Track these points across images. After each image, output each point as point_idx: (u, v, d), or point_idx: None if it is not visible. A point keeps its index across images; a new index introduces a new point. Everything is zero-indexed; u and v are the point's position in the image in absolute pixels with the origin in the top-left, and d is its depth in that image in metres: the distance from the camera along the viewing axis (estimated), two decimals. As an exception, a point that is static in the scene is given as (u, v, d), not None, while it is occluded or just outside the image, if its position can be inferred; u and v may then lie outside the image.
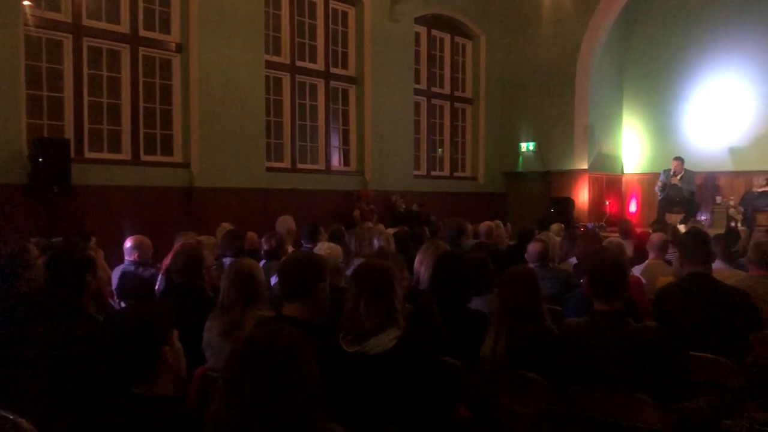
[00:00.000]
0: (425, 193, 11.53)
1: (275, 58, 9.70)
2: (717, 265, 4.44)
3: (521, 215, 11.91)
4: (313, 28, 10.28)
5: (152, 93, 8.45)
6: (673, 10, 12.65)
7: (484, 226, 7.56)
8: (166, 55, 8.52)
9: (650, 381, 2.79)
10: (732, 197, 11.39)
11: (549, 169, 12.62)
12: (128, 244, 5.13)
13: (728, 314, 3.43)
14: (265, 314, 3.11)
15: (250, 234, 6.09)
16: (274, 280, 4.31)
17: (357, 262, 4.02)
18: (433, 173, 12.40)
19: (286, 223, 6.41)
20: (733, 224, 10.11)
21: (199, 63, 8.54)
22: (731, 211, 10.80)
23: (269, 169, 9.46)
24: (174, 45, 8.53)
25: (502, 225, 8.41)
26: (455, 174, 12.89)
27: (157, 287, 4.76)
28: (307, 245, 5.40)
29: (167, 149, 8.59)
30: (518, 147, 12.99)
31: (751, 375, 3.44)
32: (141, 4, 8.21)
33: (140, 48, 8.23)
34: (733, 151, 12.14)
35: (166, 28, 8.52)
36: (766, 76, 11.76)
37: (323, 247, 4.03)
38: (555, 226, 8.21)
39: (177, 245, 4.89)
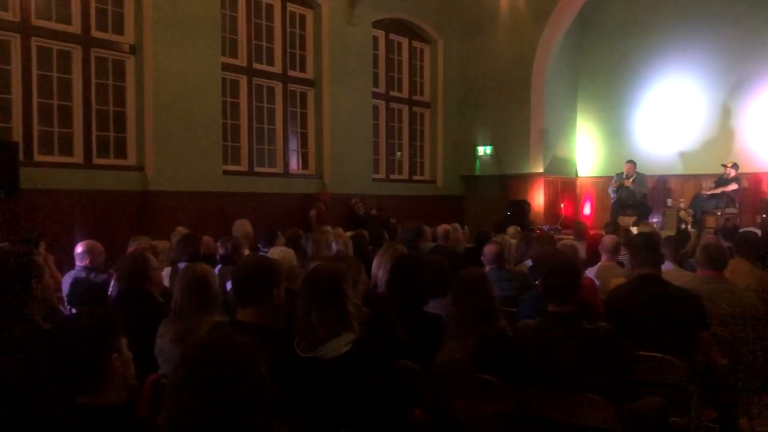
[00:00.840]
0: (384, 197, 11.55)
1: (232, 61, 9.60)
2: (667, 266, 4.55)
3: (479, 218, 12.02)
4: (270, 31, 10.21)
5: (105, 95, 8.27)
6: (625, 17, 12.95)
7: (441, 229, 7.61)
8: (120, 56, 8.36)
9: (601, 381, 2.84)
10: (682, 200, 11.69)
11: (506, 173, 12.77)
12: (79, 249, 5.01)
13: (676, 314, 3.51)
14: (219, 320, 3.06)
15: (206, 238, 6.00)
16: (230, 285, 4.26)
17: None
18: (392, 176, 12.43)
19: (242, 227, 6.33)
20: (683, 226, 10.38)
21: (153, 65, 8.40)
22: (681, 213, 11.09)
23: (226, 173, 9.35)
24: (127, 46, 8.37)
25: (459, 228, 8.48)
26: (414, 177, 12.95)
27: (110, 293, 4.66)
28: (264, 249, 5.34)
29: (121, 152, 8.42)
30: (476, 151, 13.12)
31: (698, 374, 3.53)
32: (93, 4, 8.03)
33: (92, 49, 8.06)
34: (683, 155, 12.48)
35: (119, 29, 8.36)
36: (715, 81, 12.12)
37: (276, 251, 4.00)
38: (511, 229, 8.30)
39: (129, 250, 4.80)
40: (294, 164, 10.69)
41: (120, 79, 8.38)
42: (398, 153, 12.74)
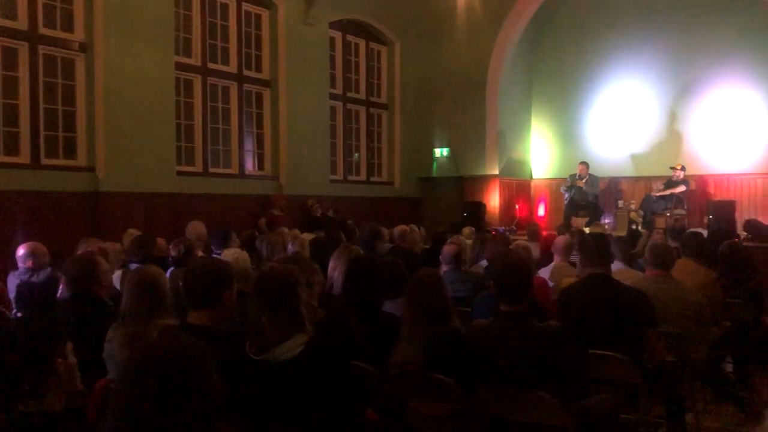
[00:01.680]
0: (342, 198, 11.52)
1: (186, 60, 9.46)
2: (617, 266, 4.66)
3: (436, 219, 12.08)
4: (225, 30, 10.09)
5: (54, 94, 8.05)
6: (578, 22, 13.20)
7: (398, 230, 7.63)
8: (69, 54, 8.14)
9: (552, 379, 2.89)
10: (633, 201, 11.97)
11: (462, 175, 12.88)
12: (21, 251, 4.87)
13: (625, 313, 3.59)
14: (169, 323, 3.01)
15: (159, 240, 5.90)
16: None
17: (268, 268, 3.96)
18: (349, 178, 12.41)
19: (196, 228, 6.25)
20: (633, 227, 10.62)
21: (104, 63, 8.21)
22: (632, 214, 11.36)
23: (180, 173, 9.20)
24: (77, 44, 8.17)
25: (416, 229, 8.53)
26: (372, 179, 12.95)
27: (59, 296, 4.54)
28: (218, 251, 5.28)
29: (70, 153, 8.21)
30: (433, 152, 13.20)
31: (646, 371, 3.62)
32: (40, 0, 7.81)
33: (40, 46, 7.83)
34: (634, 157, 12.79)
35: (68, 26, 8.14)
36: (663, 85, 12.46)
37: (230, 253, 3.96)
38: (466, 230, 8.39)
39: (78, 252, 4.68)
40: (250, 165, 10.59)
41: (69, 78, 8.17)
42: (356, 154, 12.73)
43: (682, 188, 11.17)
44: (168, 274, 4.64)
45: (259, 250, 5.26)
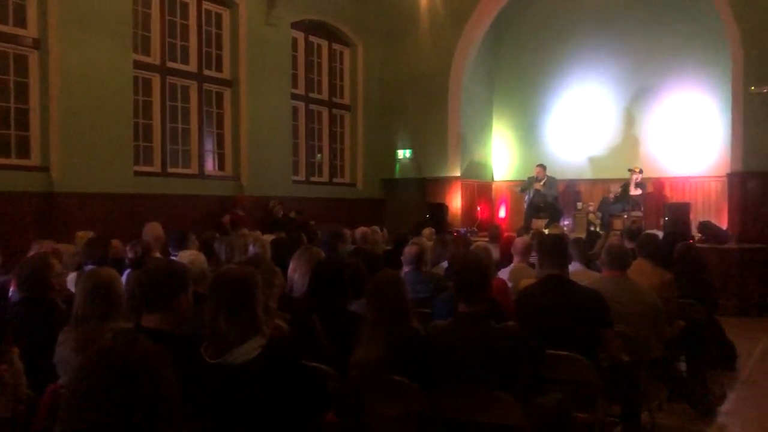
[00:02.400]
0: (304, 199, 11.46)
1: (144, 58, 9.30)
2: (575, 267, 4.73)
3: (399, 221, 12.10)
4: (185, 29, 9.95)
5: (5, 91, 7.83)
6: (538, 26, 13.38)
7: (360, 231, 7.63)
8: (22, 50, 7.93)
9: (510, 379, 2.91)
10: (591, 203, 12.18)
11: (425, 176, 12.94)
12: (-29, 253, 4.72)
13: (582, 313, 3.64)
14: (123, 326, 2.94)
15: (115, 242, 5.78)
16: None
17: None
18: (312, 179, 12.35)
19: (153, 230, 6.12)
20: (592, 228, 10.80)
21: (60, 60, 8.02)
22: (590, 216, 11.55)
23: (138, 174, 9.04)
24: (31, 40, 7.95)
25: (378, 230, 8.52)
26: (334, 180, 12.92)
27: (9, 298, 4.40)
28: (175, 253, 5.18)
29: (23, 152, 7.99)
30: (396, 154, 13.23)
31: (603, 370, 3.67)
32: (-9, -5, 7.61)
33: (-9, 42, 7.63)
34: (593, 160, 13.02)
35: (21, 22, 7.93)
36: (621, 90, 12.71)
37: (187, 255, 3.89)
38: (426, 231, 8.42)
39: (30, 254, 4.55)
40: (210, 165, 10.46)
41: (22, 75, 7.96)
42: (318, 155, 12.68)
43: (638, 191, 11.40)
44: (125, 277, 4.56)
45: (217, 251, 5.18)
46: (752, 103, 9.90)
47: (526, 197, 12.08)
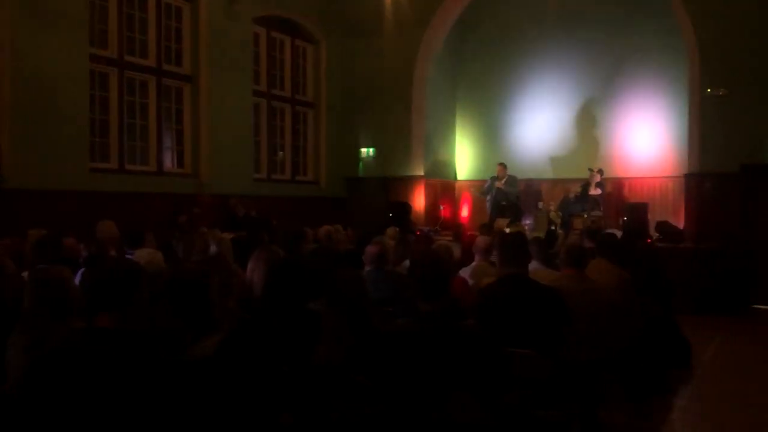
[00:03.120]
0: (266, 197, 11.34)
1: (101, 52, 9.08)
2: (534, 265, 4.75)
3: (362, 220, 12.06)
4: (143, 22, 9.74)
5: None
6: (501, 27, 13.49)
7: (323, 230, 7.58)
8: (-29, 42, 7.68)
9: (470, 378, 2.90)
10: (552, 203, 12.33)
11: (388, 175, 12.92)
12: None
13: (540, 311, 3.66)
14: (74, 326, 2.85)
15: (69, 240, 5.62)
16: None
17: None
18: (273, 177, 12.23)
19: (108, 228, 5.97)
20: (552, 227, 10.93)
21: (11, 53, 7.77)
22: (551, 215, 11.69)
23: (93, 170, 8.83)
24: (-20, 32, 7.71)
25: (341, 229, 8.48)
26: (297, 178, 12.82)
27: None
28: (131, 252, 5.07)
29: (-28, 147, 7.74)
30: (359, 152, 13.19)
31: (561, 368, 3.70)
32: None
33: (-62, 32, 7.36)
34: (553, 160, 13.18)
35: (-30, 13, 7.68)
36: (582, 91, 12.90)
37: (143, 254, 3.80)
38: (389, 230, 8.41)
39: None
40: (169, 162, 10.26)
41: (-28, 68, 7.71)
42: (280, 153, 12.57)
43: (598, 191, 11.59)
44: (78, 276, 4.44)
45: (175, 250, 5.08)
46: (708, 106, 10.14)
47: (488, 197, 12.18)
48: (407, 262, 5.80)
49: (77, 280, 4.24)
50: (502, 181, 11.97)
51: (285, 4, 11.88)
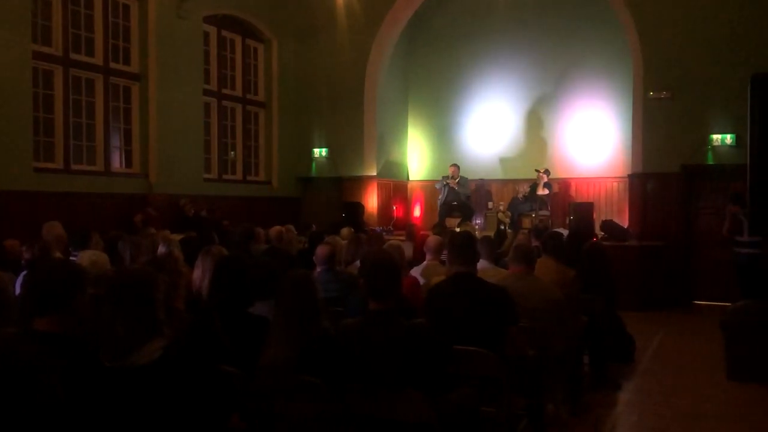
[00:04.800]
0: (216, 197, 11.22)
1: (45, 49, 8.84)
2: (483, 264, 4.83)
3: (315, 220, 12.05)
4: (90, 19, 9.51)
5: None
6: (451, 28, 13.63)
7: (274, 230, 7.54)
8: None
9: (418, 376, 2.94)
10: (501, 203, 12.51)
11: (341, 175, 12.93)
12: None
13: (488, 309, 3.73)
14: (8, 330, 2.78)
15: (10, 242, 5.49)
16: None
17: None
18: (225, 177, 12.10)
19: (53, 229, 5.82)
20: (502, 227, 11.11)
21: (-51, 48, 7.52)
22: (500, 215, 11.87)
23: (37, 170, 8.59)
24: None
25: (293, 229, 8.45)
26: (248, 178, 12.70)
27: None
28: (75, 253, 4.96)
29: None
30: (312, 152, 13.17)
31: (508, 365, 3.77)
32: None
33: None
34: (503, 161, 13.39)
35: None
36: (530, 92, 13.12)
37: (87, 255, 3.72)
38: (344, 230, 8.42)
39: None
40: (117, 162, 10.05)
41: None
42: (231, 153, 12.44)
43: (546, 191, 11.82)
44: (20, 278, 4.32)
45: (122, 252, 4.99)
46: (651, 108, 10.47)
47: (440, 196, 12.30)
48: (359, 262, 5.82)
49: (19, 282, 4.14)
50: (456, 181, 12.11)
51: (236, 3, 11.77)
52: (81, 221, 7.51)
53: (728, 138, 9.99)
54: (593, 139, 12.59)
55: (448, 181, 12.12)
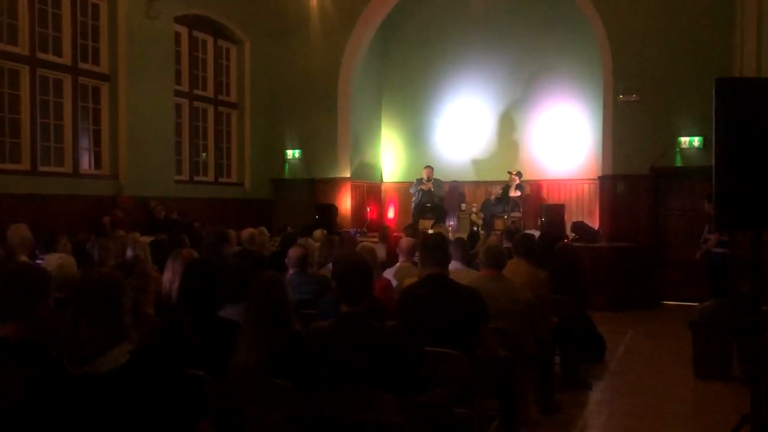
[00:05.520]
0: (188, 199, 11.10)
1: (11, 48, 8.68)
2: (455, 266, 4.85)
3: (288, 222, 12.00)
4: (57, 18, 9.36)
5: None
6: (424, 30, 13.69)
7: (246, 233, 7.48)
8: None
9: (390, 378, 2.94)
10: (474, 204, 12.59)
11: (314, 177, 12.89)
12: None
13: (460, 311, 3.74)
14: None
15: (-26, 245, 5.35)
16: None
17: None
18: (196, 178, 11.98)
19: (18, 232, 5.70)
20: (475, 229, 11.17)
21: None
22: (473, 217, 11.94)
23: (4, 172, 8.43)
24: None
25: (265, 231, 8.39)
26: (220, 180, 12.60)
27: None
28: (42, 256, 4.87)
29: None
30: (285, 154, 13.11)
31: (480, 366, 3.79)
32: None
33: None
34: (476, 163, 13.47)
35: None
36: (503, 95, 13.22)
37: (53, 258, 3.66)
38: (317, 232, 8.38)
39: None
40: (85, 164, 9.89)
41: None
42: (203, 154, 12.32)
43: (518, 192, 11.91)
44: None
45: (90, 254, 4.91)
46: (621, 111, 10.62)
47: (414, 198, 12.33)
48: (331, 265, 5.80)
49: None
50: (430, 183, 12.16)
51: (207, 3, 11.66)
52: (48, 223, 7.38)
53: (696, 140, 10.18)
54: (565, 141, 12.73)
55: (421, 186, 12.14)
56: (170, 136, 11.03)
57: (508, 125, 13.26)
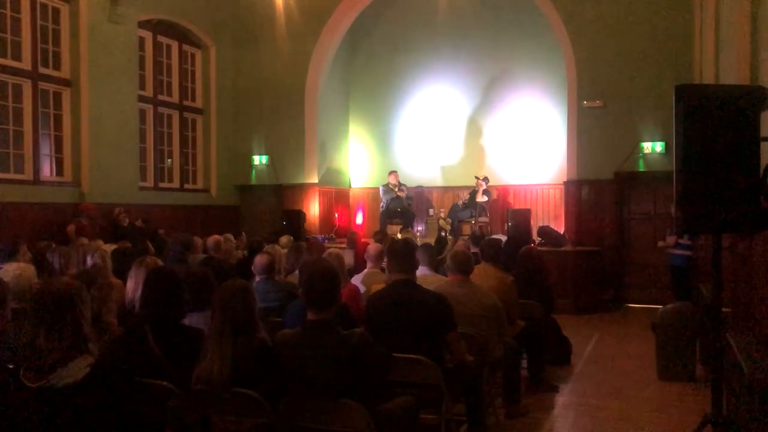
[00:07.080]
0: (153, 206, 10.94)
1: (-32, 53, 8.48)
2: (423, 271, 4.86)
3: (255, 228, 11.91)
4: (17, 23, 9.16)
5: None
6: (391, 37, 13.74)
7: (212, 240, 7.39)
8: None
9: (357, 386, 2.92)
10: (442, 210, 12.65)
11: (281, 183, 12.81)
12: None
13: (427, 316, 3.74)
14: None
15: (-71, 255, 5.19)
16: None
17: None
18: (161, 185, 11.81)
19: (-24, 240, 5.57)
20: (442, 234, 11.22)
21: None
22: (441, 222, 11.99)
23: (-40, 179, 8.22)
24: None
25: (232, 238, 8.31)
26: (186, 186, 12.44)
27: None
28: (1, 266, 4.73)
29: None
30: (251, 160, 13.01)
31: (447, 371, 3.80)
32: None
33: None
34: (443, 169, 13.54)
35: None
36: (469, 101, 13.34)
37: (12, 268, 3.57)
38: (284, 239, 8.34)
39: None
40: (47, 171, 9.68)
41: None
42: (168, 160, 12.16)
43: (485, 198, 12.00)
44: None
45: (51, 263, 4.80)
46: (585, 117, 10.77)
47: (382, 203, 12.33)
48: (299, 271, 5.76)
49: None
50: (398, 188, 12.21)
51: (171, 7, 11.53)
52: (9, 232, 7.20)
53: (658, 145, 10.37)
54: (531, 146, 12.87)
55: (397, 192, 12.15)
56: (134, 142, 10.86)
57: (475, 131, 13.37)
